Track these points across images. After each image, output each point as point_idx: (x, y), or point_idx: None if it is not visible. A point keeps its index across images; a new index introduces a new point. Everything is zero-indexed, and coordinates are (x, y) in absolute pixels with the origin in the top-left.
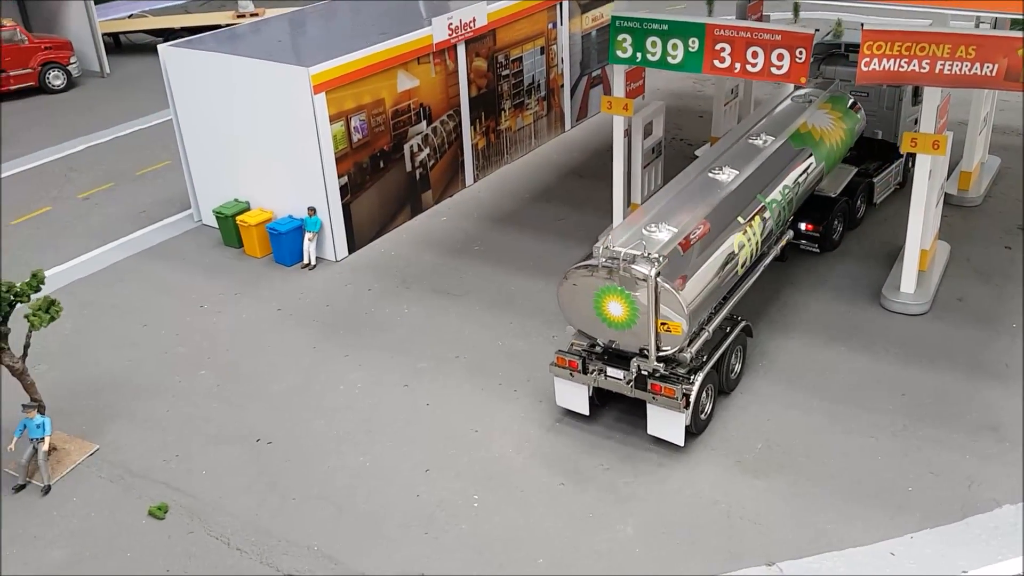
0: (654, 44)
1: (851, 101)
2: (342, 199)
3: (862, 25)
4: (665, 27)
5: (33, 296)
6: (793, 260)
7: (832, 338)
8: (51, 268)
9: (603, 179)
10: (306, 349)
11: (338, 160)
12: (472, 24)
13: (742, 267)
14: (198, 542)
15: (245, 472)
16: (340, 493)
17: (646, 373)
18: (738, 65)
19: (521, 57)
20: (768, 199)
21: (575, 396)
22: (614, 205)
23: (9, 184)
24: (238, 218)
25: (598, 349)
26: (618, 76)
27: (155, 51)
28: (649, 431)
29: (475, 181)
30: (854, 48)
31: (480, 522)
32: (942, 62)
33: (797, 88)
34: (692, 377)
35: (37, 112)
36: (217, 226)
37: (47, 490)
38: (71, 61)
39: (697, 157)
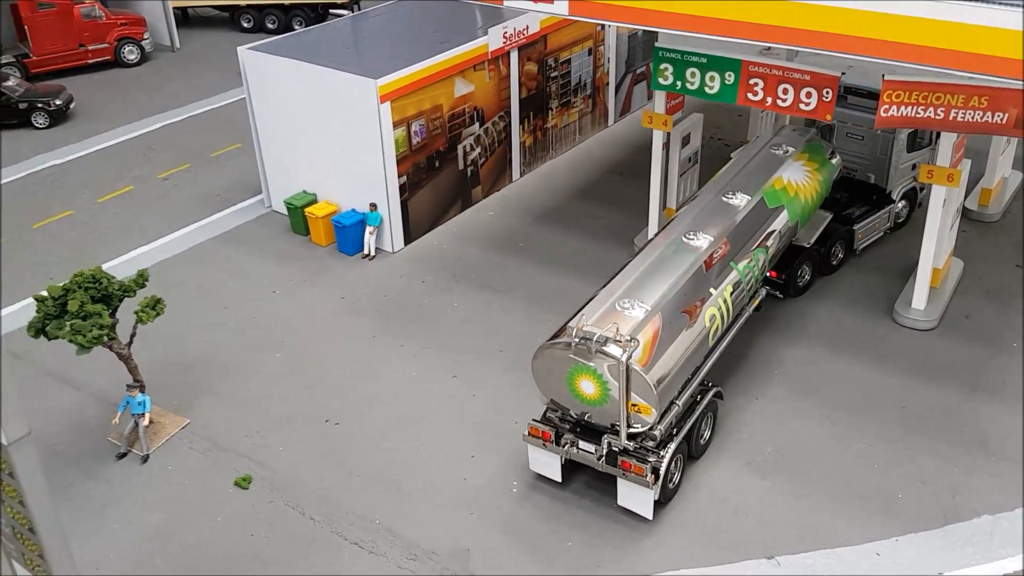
0: (693, 75)
1: (829, 150)
2: (401, 196)
3: (883, 75)
4: (704, 60)
5: (139, 292)
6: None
7: (844, 350)
8: (138, 247)
9: (641, 177)
10: (366, 337)
11: (399, 161)
12: (525, 31)
13: (714, 337)
14: (277, 511)
15: (316, 450)
16: (397, 473)
17: (616, 450)
18: (769, 99)
19: (570, 59)
20: (741, 265)
21: (548, 464)
22: (650, 211)
23: (94, 160)
24: (307, 210)
25: (571, 418)
26: (659, 97)
27: (221, 25)
28: (619, 502)
29: (521, 176)
30: (851, 91)
31: (517, 505)
32: (956, 110)
33: (780, 130)
34: (661, 451)
35: (113, 86)
36: (287, 214)
37: (146, 459)
38: (144, 36)
39: (732, 159)
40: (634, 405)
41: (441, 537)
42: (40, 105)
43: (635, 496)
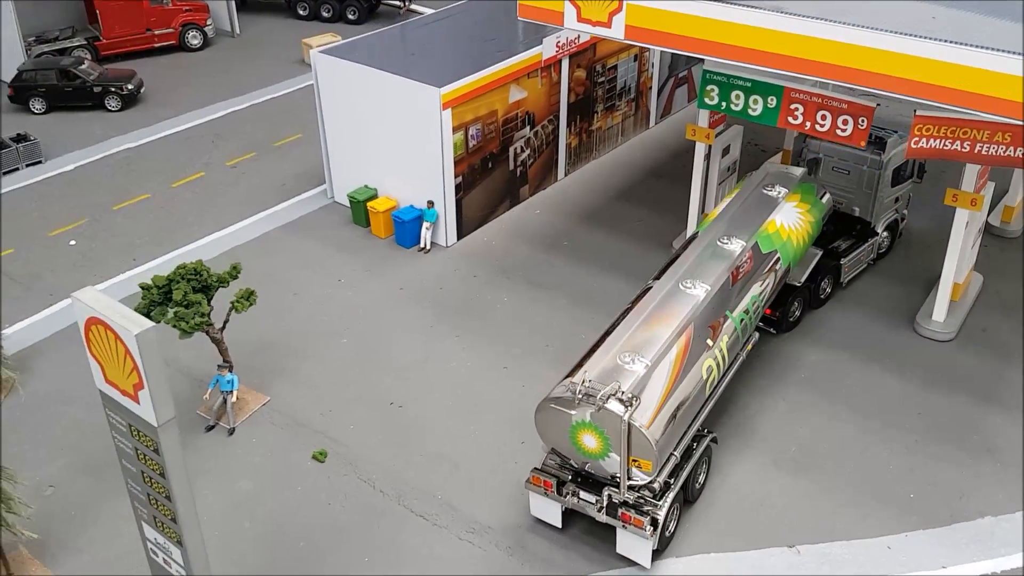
0: (737, 97)
1: (820, 191)
2: (456, 195)
3: (915, 111)
4: (748, 84)
5: (232, 282)
6: None
7: (866, 357)
8: (212, 233)
9: (680, 181)
10: (424, 328)
11: (456, 163)
12: (576, 40)
13: (710, 388)
14: (351, 483)
15: (382, 430)
16: (456, 454)
17: (616, 501)
18: (808, 123)
19: (616, 65)
20: (736, 314)
21: (549, 510)
22: (690, 216)
23: (165, 144)
24: (368, 204)
25: (571, 466)
26: (703, 112)
27: (278, 11)
28: (618, 550)
29: (565, 175)
30: None
31: None
32: (981, 144)
33: (769, 168)
34: (660, 502)
35: (178, 71)
36: (348, 206)
37: (232, 432)
38: (207, 22)
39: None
40: (634, 460)
41: (496, 513)
42: (113, 89)
43: (634, 545)
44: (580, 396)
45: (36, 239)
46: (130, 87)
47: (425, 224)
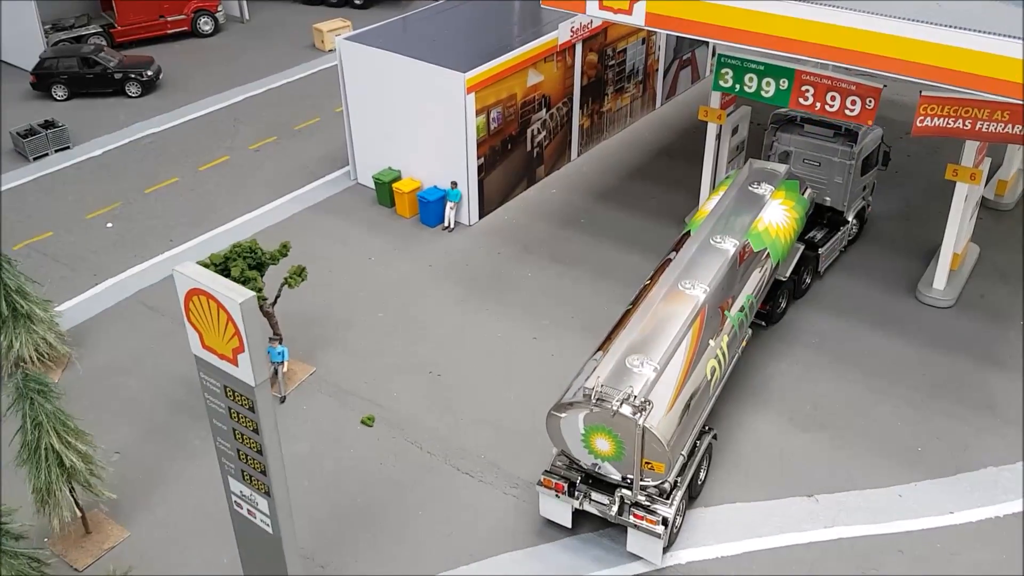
0: (751, 79)
1: (803, 188)
2: (478, 176)
3: (920, 91)
4: (761, 67)
5: (281, 260)
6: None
7: (873, 323)
8: (243, 215)
9: (689, 160)
10: (455, 301)
11: (478, 145)
12: (590, 24)
13: (715, 387)
14: (399, 445)
15: (425, 396)
16: (495, 418)
17: (628, 502)
18: (818, 104)
19: (626, 48)
20: (734, 313)
21: (559, 511)
22: (701, 193)
23: (188, 129)
24: (394, 185)
25: (580, 468)
26: (715, 94)
27: None
28: (628, 548)
29: (579, 155)
30: (808, 120)
31: None
32: (982, 122)
33: (751, 165)
34: (669, 500)
35: (192, 57)
36: (373, 188)
37: (283, 400)
38: (218, 8)
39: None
40: (647, 463)
41: (536, 471)
42: (133, 76)
43: (645, 544)
44: (594, 401)
45: (74, 222)
46: (149, 73)
47: (449, 204)
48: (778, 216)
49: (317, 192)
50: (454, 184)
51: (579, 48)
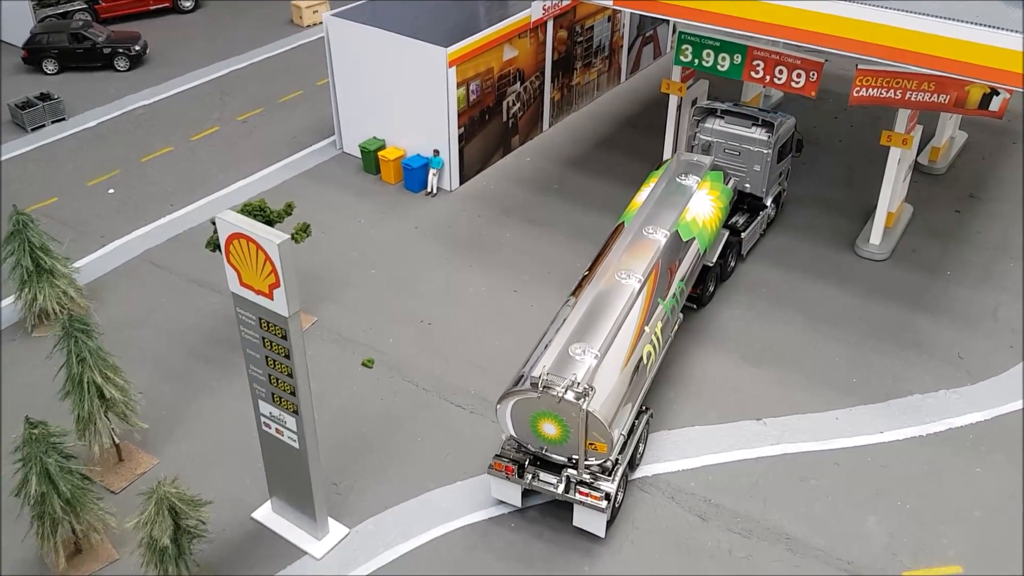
0: (708, 55)
1: (727, 179)
2: (459, 144)
3: (857, 65)
4: (718, 44)
5: (286, 218)
6: (791, 210)
7: (816, 274)
8: (237, 182)
9: (652, 130)
10: (441, 260)
11: (459, 115)
12: (560, 3)
13: (651, 371)
14: (397, 384)
15: (418, 343)
16: (482, 361)
17: (574, 481)
18: (768, 77)
19: (593, 26)
20: (667, 300)
21: (509, 492)
22: (664, 159)
23: (177, 101)
24: (379, 153)
25: (528, 451)
26: (677, 69)
27: None
28: (575, 523)
29: (550, 126)
30: (728, 112)
31: None
32: (911, 92)
33: (683, 153)
34: (611, 477)
35: (174, 31)
36: (359, 156)
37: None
38: None
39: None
40: (591, 444)
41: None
42: (121, 50)
43: (590, 519)
44: (540, 388)
45: (76, 189)
46: (137, 48)
47: (432, 171)
48: (704, 206)
49: (305, 161)
50: (436, 152)
51: (550, 25)
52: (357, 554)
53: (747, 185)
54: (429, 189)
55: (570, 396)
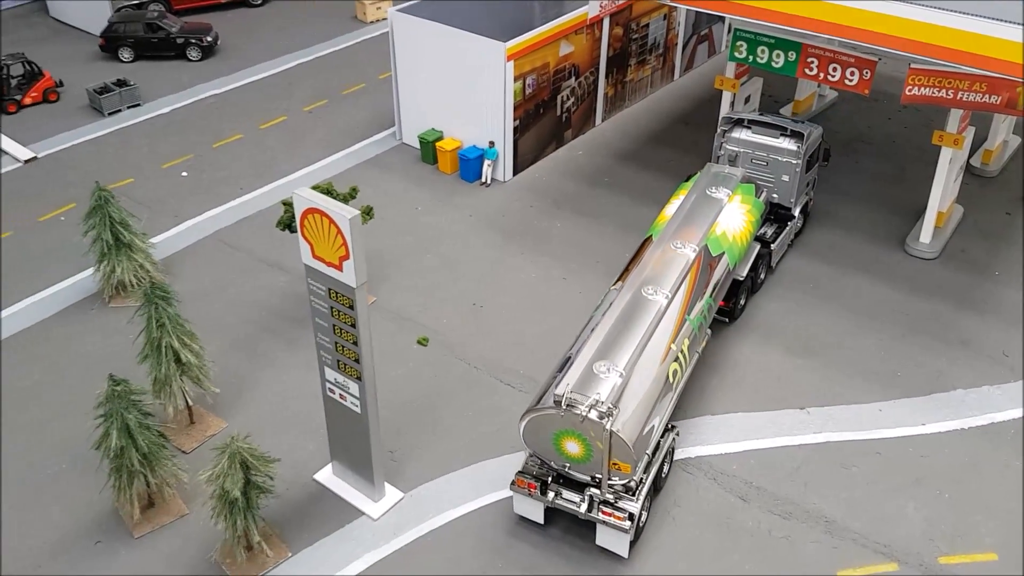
0: (763, 51)
1: (759, 192)
2: (514, 136)
3: (910, 64)
4: (772, 41)
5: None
6: (842, 205)
7: (863, 270)
8: (303, 168)
9: (703, 127)
10: (493, 247)
11: (515, 108)
12: (617, 1)
13: (676, 388)
14: (451, 362)
15: (470, 323)
16: (530, 343)
17: (597, 500)
18: (822, 74)
19: (649, 23)
20: (694, 316)
21: (532, 509)
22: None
23: (247, 91)
24: (437, 144)
25: (551, 468)
26: (731, 65)
27: None
28: (598, 542)
29: (602, 121)
30: (755, 123)
31: None
32: (962, 92)
33: (713, 166)
34: (635, 497)
35: (244, 25)
36: (418, 147)
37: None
38: None
39: (779, 114)
40: (614, 463)
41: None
42: (194, 41)
43: (613, 539)
44: (564, 407)
45: (152, 171)
46: (209, 39)
47: (487, 162)
48: (735, 220)
49: (366, 150)
50: (492, 144)
51: (607, 22)
52: (411, 517)
53: (775, 196)
54: (484, 179)
55: (593, 415)
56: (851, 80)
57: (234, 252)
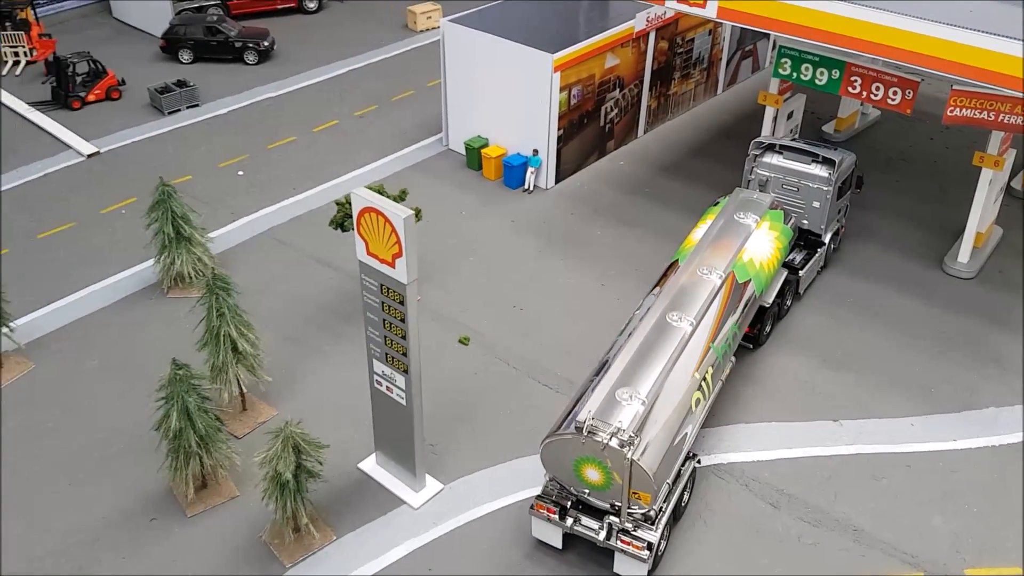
0: (807, 68)
1: (788, 218)
2: (557, 145)
3: (952, 86)
4: (817, 58)
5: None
6: (882, 223)
7: (901, 288)
8: (352, 171)
9: (745, 141)
10: (534, 252)
11: (560, 118)
12: (663, 15)
13: (699, 416)
14: (490, 361)
15: (510, 325)
16: (568, 346)
17: (616, 529)
18: (864, 93)
19: (694, 38)
20: (718, 344)
21: (550, 533)
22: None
23: (300, 95)
24: (483, 151)
25: (571, 494)
26: (775, 81)
27: None
28: (615, 570)
29: (645, 133)
30: (787, 148)
31: None
32: (1004, 114)
33: (741, 191)
34: (654, 526)
35: (298, 31)
36: (463, 153)
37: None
38: None
39: (825, 132)
40: (635, 493)
41: None
42: (251, 45)
43: (631, 566)
44: (585, 433)
45: (209, 169)
46: (265, 44)
47: (530, 169)
48: (762, 246)
49: (413, 155)
50: (535, 152)
51: (652, 36)
52: (450, 507)
53: (805, 221)
54: (527, 186)
55: (615, 443)
56: (893, 99)
57: (287, 249)
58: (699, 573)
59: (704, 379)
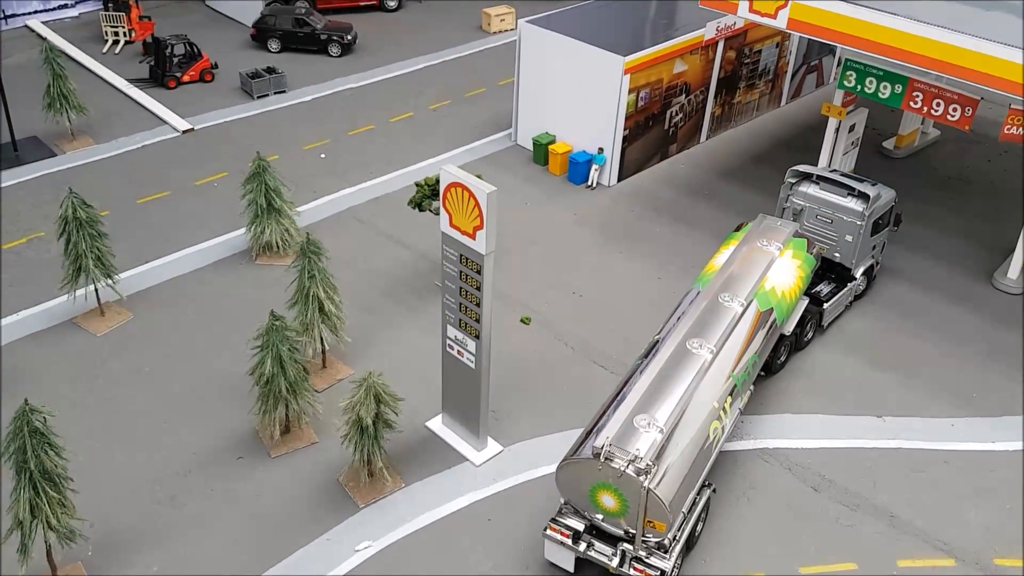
0: (871, 82)
1: (811, 247)
2: (622, 145)
3: (1010, 105)
4: (881, 73)
5: None
6: (936, 238)
7: (951, 299)
8: (426, 159)
9: (805, 151)
10: (594, 243)
11: (626, 118)
12: (733, 25)
13: (716, 446)
14: (549, 340)
15: (570, 309)
16: (624, 331)
17: (630, 556)
18: (925, 108)
19: (761, 50)
20: (738, 372)
21: (563, 557)
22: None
23: (379, 88)
24: (550, 147)
25: (585, 518)
26: (839, 93)
27: None
28: None
29: (707, 138)
30: (823, 178)
31: None
32: None
33: (762, 221)
34: (667, 555)
35: (379, 27)
36: (531, 148)
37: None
38: None
39: (885, 148)
40: (650, 522)
41: None
42: (336, 38)
43: None
44: (602, 460)
45: (294, 151)
46: (348, 37)
47: (594, 166)
48: (785, 275)
49: (483, 148)
50: (600, 150)
51: (721, 45)
52: (508, 467)
53: (836, 254)
54: (590, 182)
55: (631, 471)
56: (953, 116)
57: (364, 227)
58: (739, 546)
59: (723, 408)
